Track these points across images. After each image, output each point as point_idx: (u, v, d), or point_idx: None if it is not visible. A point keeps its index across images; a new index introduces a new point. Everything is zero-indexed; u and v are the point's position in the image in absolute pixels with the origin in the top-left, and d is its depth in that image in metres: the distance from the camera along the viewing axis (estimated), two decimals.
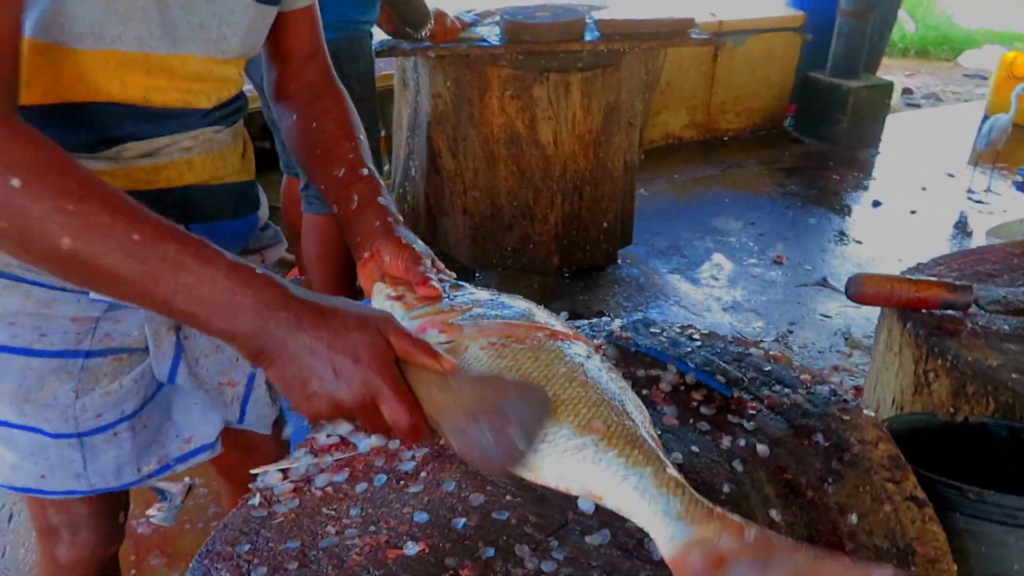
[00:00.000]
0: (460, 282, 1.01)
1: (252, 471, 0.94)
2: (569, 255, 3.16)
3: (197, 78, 0.99)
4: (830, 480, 0.88)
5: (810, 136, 5.26)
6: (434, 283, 0.95)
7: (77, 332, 1.00)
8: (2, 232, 0.71)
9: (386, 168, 4.38)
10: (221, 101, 1.04)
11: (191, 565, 0.79)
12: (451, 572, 0.76)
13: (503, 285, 3.10)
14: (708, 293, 3.46)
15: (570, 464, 0.79)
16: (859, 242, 3.95)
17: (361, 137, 1.15)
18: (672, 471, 0.78)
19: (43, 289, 0.97)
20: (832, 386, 1.02)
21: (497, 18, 2.92)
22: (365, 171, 1.08)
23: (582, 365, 0.86)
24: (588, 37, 2.83)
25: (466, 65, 2.80)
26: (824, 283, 3.60)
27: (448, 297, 0.95)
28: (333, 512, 0.85)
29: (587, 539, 0.79)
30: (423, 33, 2.67)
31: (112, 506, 1.27)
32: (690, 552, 0.71)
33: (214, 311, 0.75)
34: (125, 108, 0.94)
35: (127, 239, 0.72)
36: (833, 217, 4.21)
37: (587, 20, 2.89)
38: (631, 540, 0.79)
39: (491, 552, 0.78)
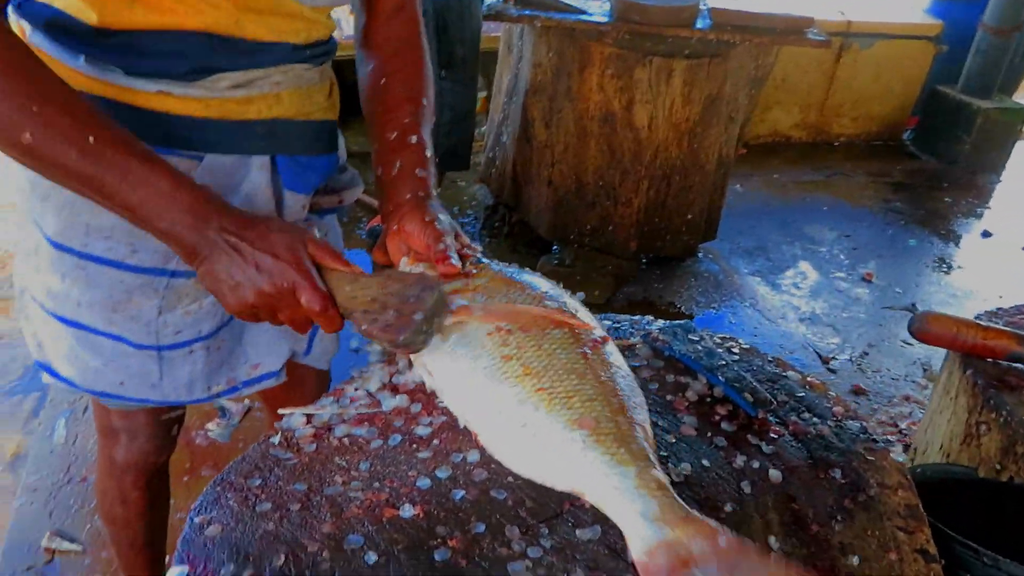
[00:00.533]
0: (483, 259, 1.02)
1: (279, 411, 0.99)
2: (648, 242, 3.13)
3: (288, 16, 1.03)
4: (839, 518, 0.87)
5: (928, 153, 5.00)
6: (453, 261, 0.97)
7: (165, 252, 1.05)
8: None
9: (481, 130, 4.41)
10: (311, 40, 1.08)
11: (205, 489, 0.84)
12: (439, 539, 0.78)
13: (577, 262, 3.09)
14: (787, 300, 3.37)
15: (559, 459, 0.80)
16: (959, 271, 3.76)
17: (425, 103, 1.16)
18: (657, 472, 0.78)
19: None
20: (863, 424, 0.99)
21: None
22: (414, 139, 1.10)
23: (584, 355, 0.86)
24: (699, 24, 2.76)
25: (570, 38, 2.78)
26: (912, 309, 3.43)
27: (467, 276, 0.97)
28: (344, 463, 0.89)
29: (577, 532, 0.80)
30: None
31: (169, 419, 1.36)
32: (657, 552, 0.71)
33: (153, 212, 0.86)
34: (220, 40, 0.98)
35: (82, 141, 0.82)
36: (936, 241, 4.02)
37: (701, 7, 2.81)
38: (620, 541, 0.79)
39: (482, 528, 0.80)
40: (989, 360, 1.27)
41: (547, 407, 0.82)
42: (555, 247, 3.25)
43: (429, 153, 1.12)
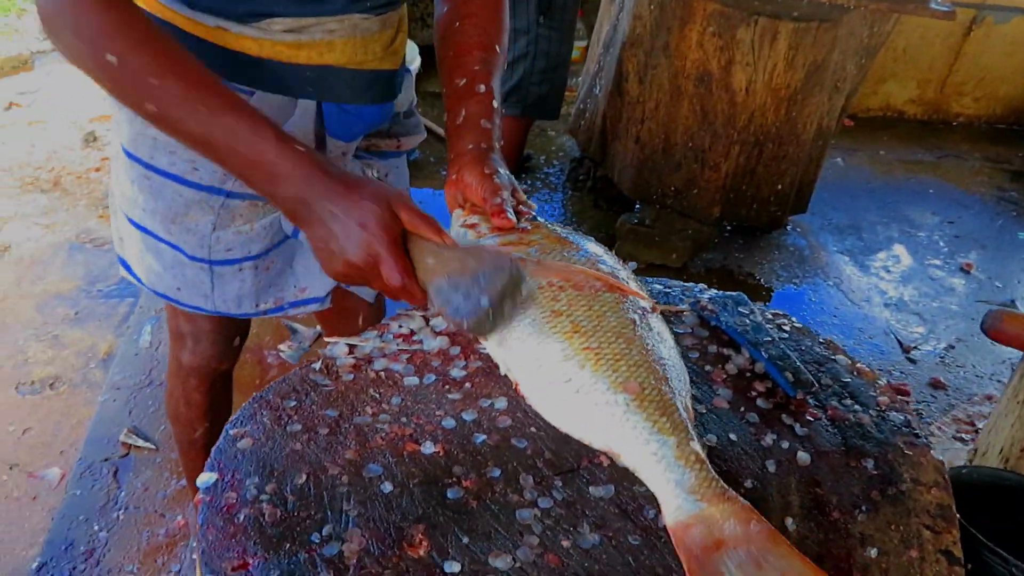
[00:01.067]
0: (539, 217, 1.02)
1: (325, 339, 1.03)
2: (733, 209, 3.04)
3: None
4: (863, 508, 0.84)
5: None
6: (509, 215, 0.97)
7: (224, 173, 1.10)
8: (105, 90, 0.89)
9: (577, 80, 4.34)
10: None
11: (244, 404, 0.89)
12: (455, 479, 0.81)
13: (657, 223, 3.04)
14: (874, 283, 3.24)
15: (599, 418, 0.81)
16: None
17: (498, 49, 1.15)
18: (695, 446, 0.78)
19: None
20: (909, 418, 0.96)
21: None
22: (482, 88, 1.10)
23: (633, 323, 0.86)
24: None
25: None
26: (1010, 305, 3.26)
27: (522, 232, 0.97)
28: (377, 395, 0.92)
29: (591, 489, 0.81)
30: None
31: (230, 329, 1.44)
32: (693, 527, 0.72)
33: (258, 176, 0.89)
34: None
35: (197, 110, 0.86)
36: None
37: None
38: (632, 503, 0.80)
39: (497, 473, 0.82)
40: None
41: (593, 366, 0.83)
42: (636, 205, 3.20)
43: (496, 103, 1.11)
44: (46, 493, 2.05)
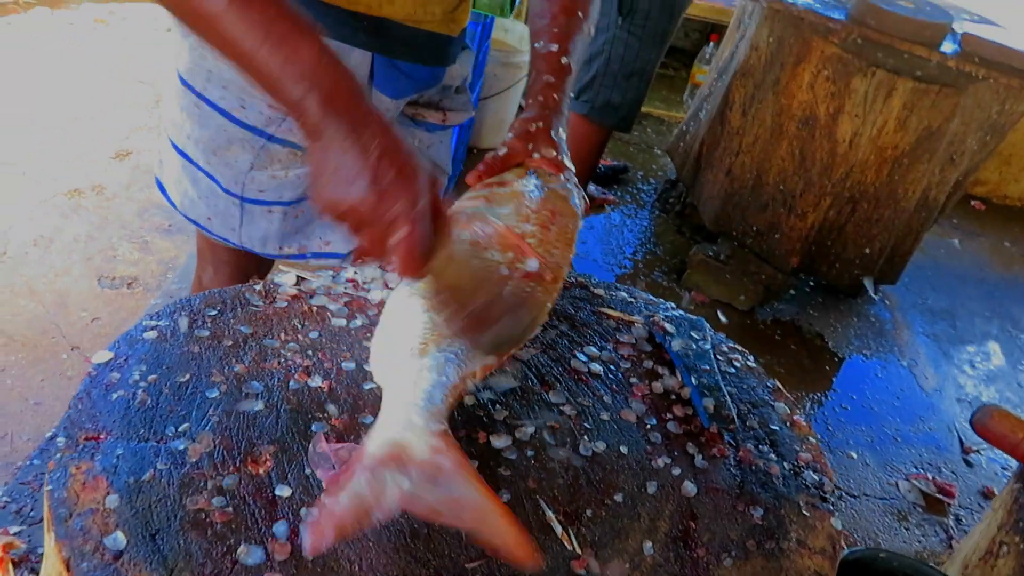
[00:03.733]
0: (538, 177, 1.00)
1: (282, 265, 1.06)
2: (812, 263, 2.91)
3: None
4: (732, 553, 0.80)
5: None
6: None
7: (269, 117, 1.14)
8: None
9: (685, 99, 4.27)
10: None
11: (171, 302, 0.94)
12: (326, 415, 0.82)
13: (731, 260, 2.95)
14: (952, 375, 3.03)
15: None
16: None
17: (580, 15, 1.14)
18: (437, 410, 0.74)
19: None
20: (824, 480, 0.90)
21: None
22: (555, 47, 1.09)
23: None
24: (944, 47, 2.47)
25: (795, 27, 2.60)
26: None
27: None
28: (299, 326, 0.94)
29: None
30: None
31: (250, 267, 1.48)
32: (386, 444, 0.70)
33: (289, 77, 0.76)
34: None
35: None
36: None
37: (952, 28, 2.51)
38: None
39: (369, 420, 0.83)
40: None
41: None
42: (719, 238, 3.11)
43: (567, 60, 1.09)
44: None
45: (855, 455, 2.55)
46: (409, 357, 0.77)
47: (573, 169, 1.04)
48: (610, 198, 3.46)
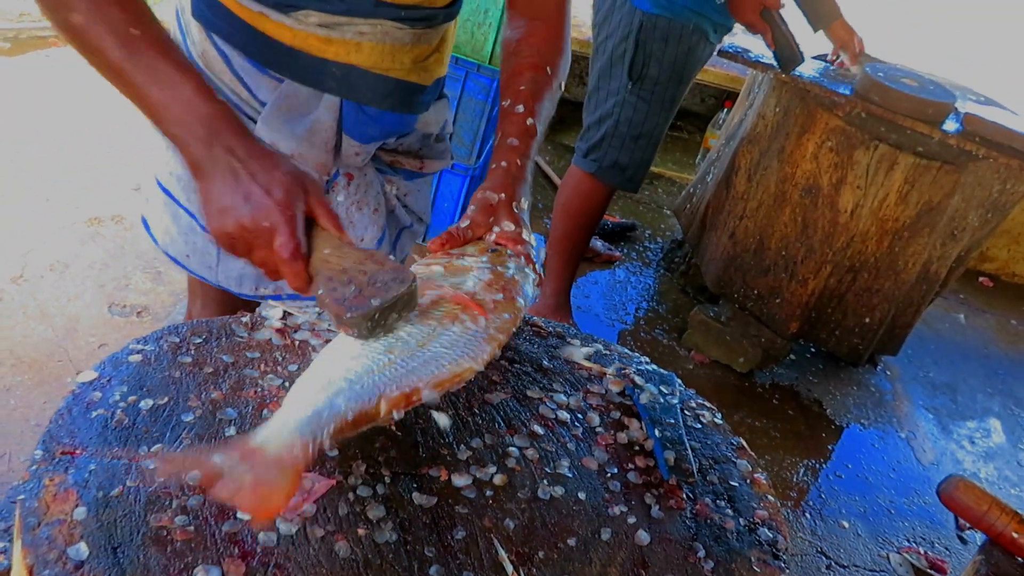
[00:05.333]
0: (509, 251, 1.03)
1: (271, 302, 1.10)
2: (811, 330, 2.93)
3: None
4: None
5: None
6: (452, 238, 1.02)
7: None
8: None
9: (697, 161, 4.35)
10: (409, 2, 1.13)
11: (159, 329, 0.98)
12: None
13: (731, 322, 2.97)
14: (951, 450, 3.01)
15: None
16: None
17: (548, 71, 1.15)
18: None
19: None
20: (778, 538, 0.92)
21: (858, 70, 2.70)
22: (521, 108, 1.10)
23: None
24: (945, 126, 2.52)
25: (801, 99, 2.66)
26: None
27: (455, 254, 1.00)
28: (280, 359, 0.98)
29: (413, 495, 0.84)
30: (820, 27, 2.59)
31: (236, 301, 1.50)
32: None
33: (170, 115, 0.87)
34: None
35: (125, 33, 0.86)
36: None
37: (954, 107, 2.57)
38: (446, 520, 0.82)
39: (335, 452, 0.86)
40: (1017, 557, 1.10)
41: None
42: (720, 300, 3.14)
43: (532, 122, 1.10)
44: None
45: (847, 524, 2.53)
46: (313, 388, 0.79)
47: (534, 243, 1.05)
48: (616, 255, 3.51)
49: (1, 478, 2.05)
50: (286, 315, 1.07)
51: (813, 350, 3.26)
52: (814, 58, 2.83)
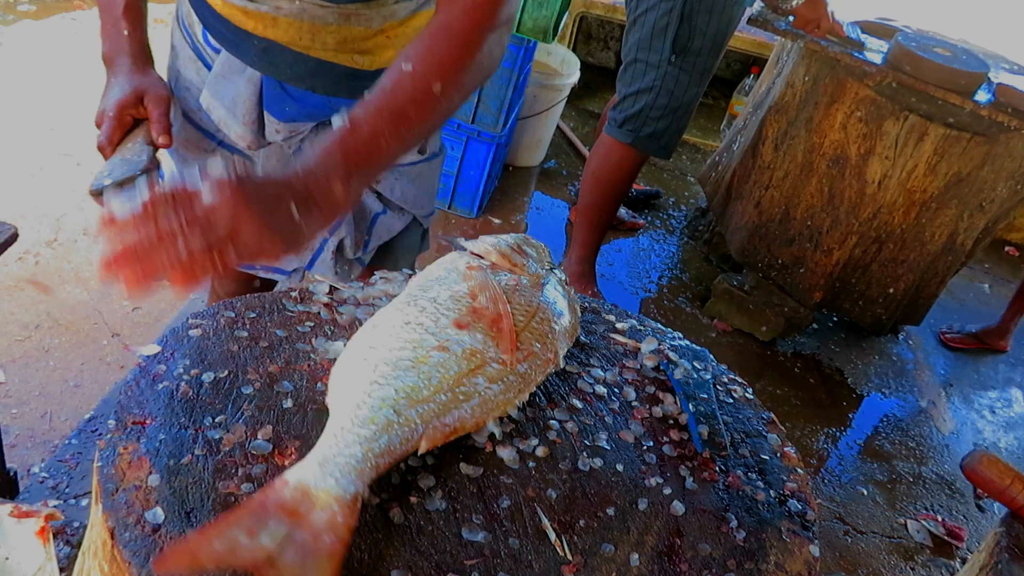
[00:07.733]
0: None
1: (313, 274, 1.14)
2: (835, 299, 2.94)
3: None
4: (713, 571, 0.86)
5: None
6: None
7: (219, 121, 1.27)
8: None
9: (722, 128, 4.32)
10: None
11: (215, 303, 1.02)
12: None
13: (755, 291, 2.99)
14: (971, 419, 3.03)
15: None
16: None
17: (407, 70, 0.92)
18: (378, 456, 0.78)
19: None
20: (807, 510, 0.96)
21: (890, 42, 2.68)
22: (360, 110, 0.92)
23: (444, 349, 0.89)
24: (977, 96, 2.50)
25: (831, 68, 2.65)
26: None
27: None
28: (329, 332, 1.03)
29: (461, 465, 0.88)
30: (791, 4, 2.54)
31: (248, 277, 1.54)
32: (296, 488, 0.73)
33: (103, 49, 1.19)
34: None
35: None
36: None
37: (988, 78, 2.54)
38: (491, 488, 0.86)
39: None
40: None
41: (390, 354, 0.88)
42: (744, 269, 3.16)
43: (348, 125, 0.93)
44: (132, 365, 2.33)
45: (865, 492, 2.58)
46: (366, 389, 0.83)
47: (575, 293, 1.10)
48: (640, 222, 3.52)
49: (44, 436, 2.13)
50: (332, 289, 1.11)
51: (835, 319, 3.28)
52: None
